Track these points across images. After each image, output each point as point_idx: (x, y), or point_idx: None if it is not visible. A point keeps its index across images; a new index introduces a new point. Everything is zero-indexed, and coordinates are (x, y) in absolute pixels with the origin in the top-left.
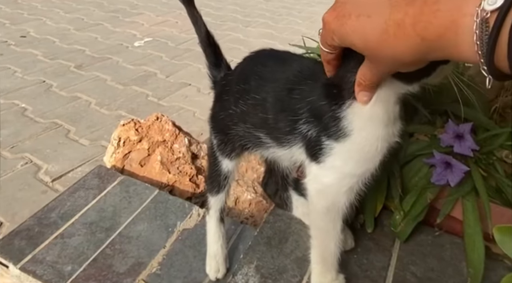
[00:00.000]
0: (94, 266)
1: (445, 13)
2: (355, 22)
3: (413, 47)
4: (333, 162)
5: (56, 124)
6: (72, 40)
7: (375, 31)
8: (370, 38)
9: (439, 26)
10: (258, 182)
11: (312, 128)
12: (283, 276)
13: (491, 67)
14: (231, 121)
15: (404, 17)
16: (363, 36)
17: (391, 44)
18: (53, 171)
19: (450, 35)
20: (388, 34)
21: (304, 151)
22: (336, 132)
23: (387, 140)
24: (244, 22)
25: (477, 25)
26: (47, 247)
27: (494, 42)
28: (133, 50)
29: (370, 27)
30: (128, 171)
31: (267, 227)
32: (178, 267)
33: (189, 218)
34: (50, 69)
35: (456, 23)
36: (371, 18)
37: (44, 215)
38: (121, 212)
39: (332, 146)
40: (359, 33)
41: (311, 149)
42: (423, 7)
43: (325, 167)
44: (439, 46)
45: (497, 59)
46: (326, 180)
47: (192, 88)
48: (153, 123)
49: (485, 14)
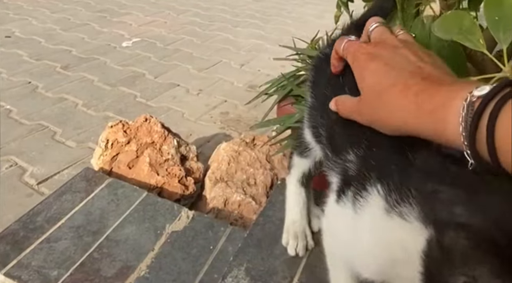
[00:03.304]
0: (81, 271)
1: (445, 92)
2: (380, 66)
3: (405, 110)
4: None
5: (42, 126)
6: (58, 40)
7: (388, 80)
8: (379, 84)
9: (436, 102)
10: (247, 183)
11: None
12: (273, 278)
13: (473, 151)
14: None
15: (414, 85)
16: (375, 78)
17: (391, 97)
18: (38, 174)
19: (441, 113)
20: (394, 90)
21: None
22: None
23: None
24: (233, 22)
25: (464, 107)
26: (32, 252)
27: (476, 125)
28: (121, 50)
29: (387, 76)
30: (116, 173)
31: (257, 229)
32: (167, 270)
33: (178, 220)
34: (36, 70)
35: (450, 103)
36: (393, 72)
37: (29, 219)
38: (109, 215)
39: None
40: (375, 75)
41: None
42: (432, 83)
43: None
44: (429, 120)
45: (478, 143)
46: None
47: (180, 89)
48: (142, 125)
49: (473, 98)
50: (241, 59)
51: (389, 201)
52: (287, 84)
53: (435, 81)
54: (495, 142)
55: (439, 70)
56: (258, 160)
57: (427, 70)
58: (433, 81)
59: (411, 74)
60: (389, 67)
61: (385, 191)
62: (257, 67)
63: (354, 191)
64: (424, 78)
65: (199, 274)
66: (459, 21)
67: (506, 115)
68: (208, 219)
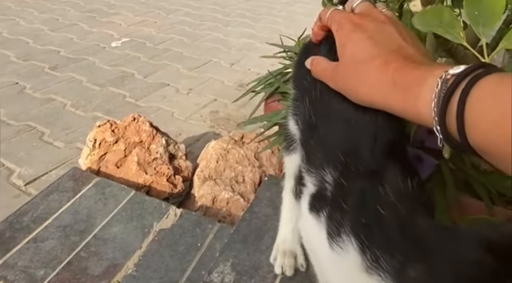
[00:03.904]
0: (68, 270)
1: (422, 72)
2: (364, 38)
3: (381, 85)
4: None
5: (29, 126)
6: (46, 41)
7: (369, 54)
8: (359, 55)
9: (412, 79)
10: (236, 181)
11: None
12: (259, 272)
13: (443, 127)
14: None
15: (394, 61)
16: (357, 49)
17: (368, 70)
18: (26, 175)
19: (416, 90)
20: (373, 63)
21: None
22: None
23: None
24: (224, 21)
25: (439, 84)
26: (19, 252)
27: (448, 100)
28: (110, 50)
29: (368, 49)
30: (104, 172)
31: (244, 224)
32: (154, 267)
33: (166, 219)
34: (23, 70)
35: (424, 80)
36: (376, 46)
37: (16, 219)
38: (97, 214)
39: None
40: (357, 46)
41: None
42: (412, 63)
43: None
44: (403, 96)
45: (448, 119)
46: None
47: (170, 89)
48: (130, 124)
49: (448, 76)
50: (232, 58)
51: (367, 260)
52: (274, 81)
53: (415, 61)
54: (465, 118)
55: (419, 52)
56: (246, 158)
57: (409, 50)
58: (414, 61)
59: (393, 52)
60: (373, 41)
61: (361, 250)
62: (247, 66)
63: (329, 226)
64: (405, 57)
65: (187, 271)
66: (439, 14)
67: (477, 93)
68: (196, 216)
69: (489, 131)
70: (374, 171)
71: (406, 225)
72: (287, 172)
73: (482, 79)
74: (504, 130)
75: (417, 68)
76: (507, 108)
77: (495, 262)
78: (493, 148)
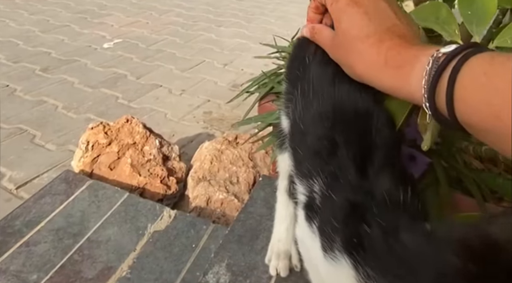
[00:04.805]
0: (61, 273)
1: (415, 51)
2: (360, 14)
3: (373, 62)
4: None
5: (21, 129)
6: (37, 42)
7: (364, 30)
8: (354, 31)
9: (405, 58)
10: (230, 182)
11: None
12: (254, 272)
13: (432, 103)
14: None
15: (388, 40)
16: (352, 24)
17: (363, 46)
18: (17, 178)
19: (407, 68)
20: (368, 40)
21: None
22: None
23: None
24: (217, 22)
25: (430, 62)
26: (11, 256)
27: (438, 77)
28: (102, 52)
29: (364, 25)
30: (97, 175)
31: (238, 225)
32: (149, 269)
33: (160, 220)
34: (14, 72)
35: (416, 59)
36: (371, 23)
37: (7, 223)
38: (90, 217)
39: None
40: (352, 21)
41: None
42: (405, 42)
43: None
44: (394, 75)
45: (437, 96)
46: None
47: (163, 90)
48: (123, 126)
49: (439, 54)
50: (225, 58)
51: (360, 275)
52: (268, 82)
53: (408, 41)
54: (454, 95)
55: (412, 32)
56: (240, 158)
57: (402, 29)
58: (407, 41)
59: (388, 30)
60: (368, 17)
61: (354, 266)
62: (240, 66)
63: (321, 239)
64: (399, 36)
65: (181, 273)
66: (436, 10)
67: (468, 70)
68: (190, 217)
69: (478, 108)
70: (363, 184)
71: (390, 242)
72: (280, 171)
73: (473, 57)
74: (493, 106)
75: (409, 47)
76: (496, 85)
77: (474, 269)
78: (482, 124)
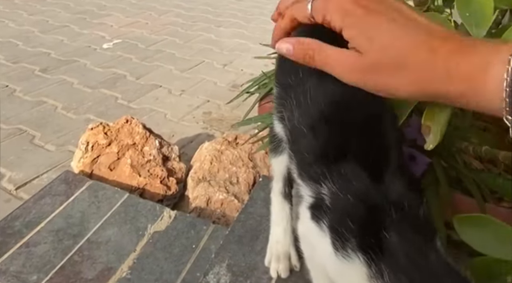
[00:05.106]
0: (61, 274)
1: (480, 55)
2: (387, 23)
3: (434, 74)
4: None
5: (20, 130)
6: (36, 43)
7: (408, 40)
8: (399, 45)
9: (472, 65)
10: (230, 182)
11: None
12: (254, 273)
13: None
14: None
15: (440, 47)
16: (392, 37)
17: (417, 59)
18: (17, 179)
19: (480, 77)
20: (420, 50)
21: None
22: None
23: None
24: (216, 22)
25: (509, 72)
26: (10, 257)
27: None
28: (101, 52)
29: (404, 35)
30: (97, 175)
31: (239, 225)
32: (149, 270)
33: (160, 221)
34: (13, 73)
35: (488, 66)
36: (409, 29)
37: (7, 224)
38: (90, 218)
39: None
40: (388, 34)
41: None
42: (461, 45)
43: None
44: (462, 85)
45: None
46: None
47: (163, 90)
48: (123, 126)
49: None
50: (224, 59)
51: (371, 271)
52: (268, 82)
53: (457, 42)
54: None
55: (448, 29)
56: (240, 159)
57: (439, 29)
58: (458, 43)
59: (429, 35)
60: (398, 25)
61: (367, 263)
62: (240, 66)
63: (333, 237)
64: (443, 37)
65: (182, 273)
66: (432, 17)
67: None
68: (191, 218)
69: None
70: (378, 187)
71: (412, 253)
72: (275, 174)
73: None
74: None
75: (470, 51)
76: None
77: None
78: None
